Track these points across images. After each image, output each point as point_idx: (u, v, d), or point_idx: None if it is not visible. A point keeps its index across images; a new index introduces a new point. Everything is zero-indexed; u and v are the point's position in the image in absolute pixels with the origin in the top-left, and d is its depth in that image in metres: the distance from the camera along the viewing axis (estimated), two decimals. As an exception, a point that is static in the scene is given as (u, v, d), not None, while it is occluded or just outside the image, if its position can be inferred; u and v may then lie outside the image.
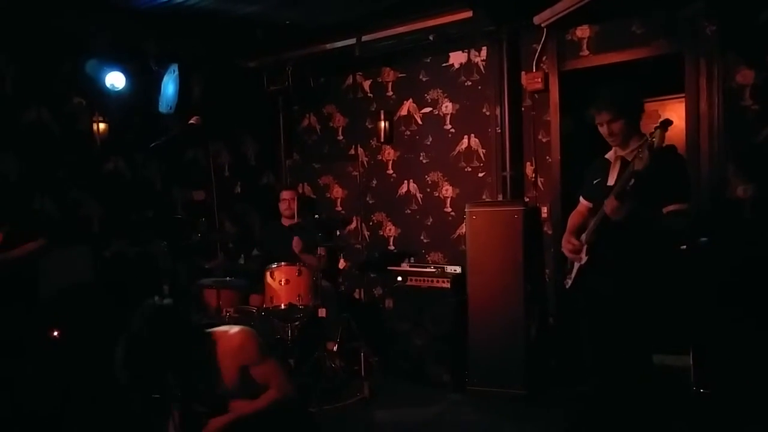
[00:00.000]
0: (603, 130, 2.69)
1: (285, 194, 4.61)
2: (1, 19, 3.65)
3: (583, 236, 2.79)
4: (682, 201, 2.56)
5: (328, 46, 4.49)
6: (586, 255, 2.79)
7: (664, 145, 2.43)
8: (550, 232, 4.12)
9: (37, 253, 3.18)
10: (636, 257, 2.63)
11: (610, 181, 2.68)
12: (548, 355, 3.98)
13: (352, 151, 5.05)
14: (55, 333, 3.65)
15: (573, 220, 2.98)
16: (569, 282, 2.91)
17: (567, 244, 2.85)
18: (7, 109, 3.80)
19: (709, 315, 3.38)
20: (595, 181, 2.82)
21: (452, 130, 4.54)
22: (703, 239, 3.42)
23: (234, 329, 2.38)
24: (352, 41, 4.35)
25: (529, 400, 3.67)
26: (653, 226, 2.57)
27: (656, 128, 2.39)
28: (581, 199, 3.00)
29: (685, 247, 3.42)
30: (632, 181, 2.51)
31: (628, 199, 2.53)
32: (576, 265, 2.86)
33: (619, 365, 2.80)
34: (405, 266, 4.38)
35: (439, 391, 3.90)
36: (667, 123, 2.43)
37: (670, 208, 2.54)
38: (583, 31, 3.94)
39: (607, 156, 2.82)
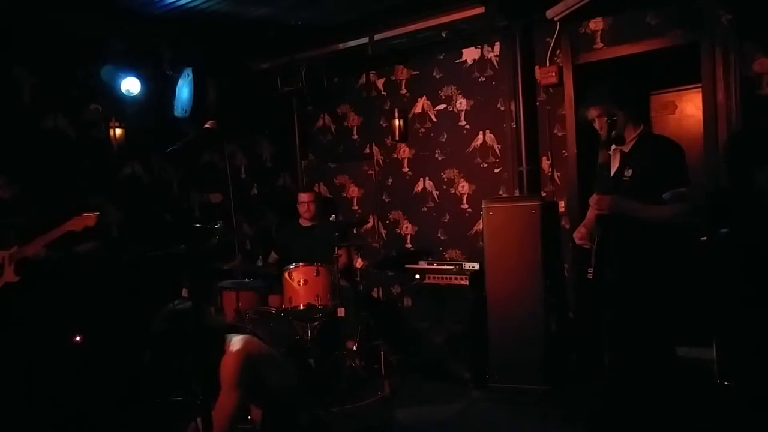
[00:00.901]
0: (596, 125, 2.75)
1: (303, 197, 4.62)
2: (17, 28, 3.71)
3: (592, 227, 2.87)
4: (679, 185, 2.57)
5: (341, 45, 4.50)
6: (595, 246, 2.82)
7: (612, 135, 2.67)
8: (568, 226, 4.09)
9: (92, 253, 3.27)
10: (641, 246, 2.67)
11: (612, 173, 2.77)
12: (569, 350, 3.95)
13: (367, 150, 5.06)
14: (78, 338, 3.70)
15: (590, 213, 3.02)
16: (591, 273, 2.92)
17: (577, 233, 2.94)
18: (25, 118, 3.86)
19: (731, 307, 3.35)
20: (603, 174, 2.87)
21: (467, 127, 4.53)
22: (724, 230, 3.38)
23: (235, 346, 2.38)
24: (364, 40, 4.36)
25: (550, 395, 3.66)
26: (648, 215, 2.62)
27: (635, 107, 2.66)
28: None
29: (705, 238, 3.39)
30: (622, 170, 2.66)
31: (611, 192, 2.64)
32: (593, 258, 2.89)
33: (635, 357, 2.80)
34: (423, 264, 4.38)
35: (459, 388, 3.89)
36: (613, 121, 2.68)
37: (669, 193, 2.56)
38: (596, 24, 3.90)
39: (609, 151, 2.87)
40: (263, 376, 2.58)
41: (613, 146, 2.78)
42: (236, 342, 2.42)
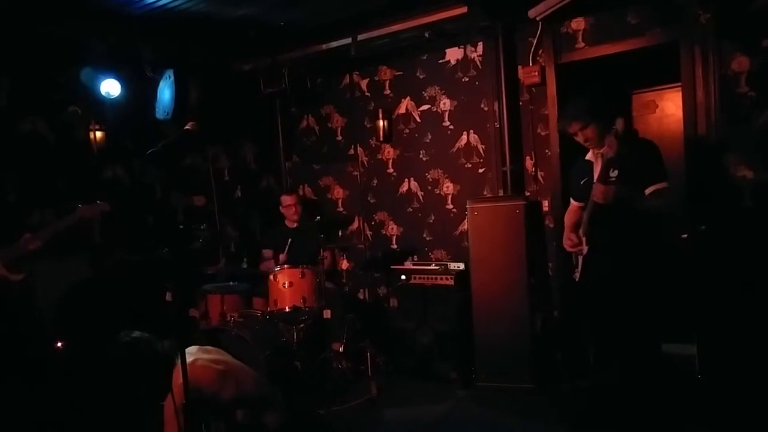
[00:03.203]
0: (579, 138, 2.95)
1: (288, 199, 4.60)
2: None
3: (581, 230, 2.98)
4: (659, 181, 2.79)
5: (324, 46, 4.48)
6: (586, 245, 2.96)
7: (625, 129, 2.74)
8: (551, 225, 4.12)
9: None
10: (630, 236, 2.84)
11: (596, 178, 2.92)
12: (554, 348, 3.98)
13: (352, 151, 5.05)
14: (59, 344, 3.64)
15: (569, 218, 3.17)
16: (578, 274, 3.00)
17: (567, 241, 3.05)
18: (2, 121, 3.78)
19: (711, 303, 3.40)
20: (582, 182, 3.02)
21: (451, 127, 4.54)
22: (703, 227, 3.43)
23: (177, 379, 2.30)
24: (347, 41, 4.34)
25: (536, 393, 3.68)
26: (639, 206, 2.80)
27: (618, 118, 2.77)
28: (572, 200, 3.20)
29: (686, 235, 3.44)
30: (610, 168, 2.78)
31: (612, 183, 2.79)
32: (580, 258, 2.97)
33: (625, 349, 2.89)
34: (408, 265, 4.38)
35: (446, 387, 3.91)
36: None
37: (651, 188, 2.78)
38: (578, 24, 3.93)
39: (587, 157, 3.06)
40: (215, 392, 2.58)
41: (596, 150, 2.96)
42: (177, 372, 2.29)
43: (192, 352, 2.60)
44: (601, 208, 2.81)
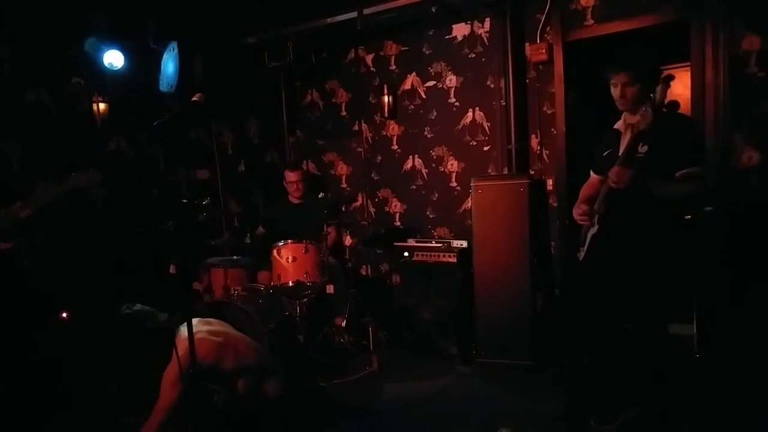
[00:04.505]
0: (616, 91, 2.65)
1: (291, 176, 4.60)
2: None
3: (595, 205, 2.77)
4: (694, 164, 2.54)
5: (329, 20, 4.42)
6: (597, 224, 2.79)
7: (666, 101, 2.44)
8: (555, 204, 4.12)
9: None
10: (647, 225, 2.63)
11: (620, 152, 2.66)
12: (555, 326, 4.00)
13: (356, 127, 5.02)
14: (64, 314, 3.68)
15: (584, 191, 2.99)
16: (582, 253, 2.91)
17: (577, 209, 2.85)
18: (5, 92, 3.75)
19: (712, 284, 3.41)
20: (605, 153, 2.79)
21: (456, 104, 4.50)
22: (708, 208, 3.42)
23: (181, 348, 2.34)
24: (353, 15, 4.28)
25: (535, 371, 3.72)
26: (656, 194, 2.55)
27: (657, 85, 2.43)
28: (591, 173, 3.01)
29: (689, 216, 3.43)
30: (639, 144, 2.51)
31: (633, 166, 2.53)
32: (589, 236, 2.86)
33: (628, 335, 2.83)
34: (411, 242, 4.39)
35: (446, 363, 3.95)
36: (669, 78, 2.46)
37: (683, 171, 2.53)
38: (587, 0, 3.87)
39: (616, 126, 2.81)
40: (214, 363, 2.64)
41: (627, 117, 2.67)
42: (182, 340, 2.34)
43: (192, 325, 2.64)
44: (618, 189, 2.57)
